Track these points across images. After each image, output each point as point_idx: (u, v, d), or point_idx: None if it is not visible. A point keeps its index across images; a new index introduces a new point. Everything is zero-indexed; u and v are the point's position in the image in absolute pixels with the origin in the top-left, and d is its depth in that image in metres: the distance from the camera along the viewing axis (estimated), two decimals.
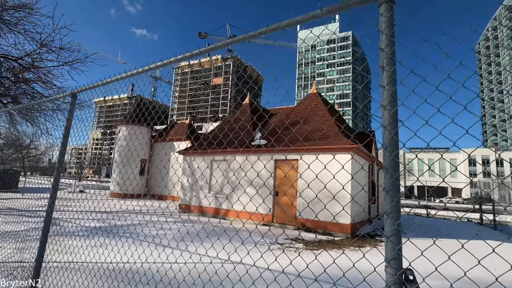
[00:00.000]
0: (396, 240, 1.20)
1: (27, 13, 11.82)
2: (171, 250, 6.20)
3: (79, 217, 10.47)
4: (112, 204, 15.50)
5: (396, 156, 1.27)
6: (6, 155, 48.48)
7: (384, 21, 1.39)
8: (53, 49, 12.67)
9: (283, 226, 10.85)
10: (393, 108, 1.30)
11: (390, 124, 1.29)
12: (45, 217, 3.16)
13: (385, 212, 1.23)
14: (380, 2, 1.42)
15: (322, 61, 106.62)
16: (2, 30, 11.96)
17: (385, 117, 1.31)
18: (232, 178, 12.15)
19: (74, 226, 8.72)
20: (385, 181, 1.27)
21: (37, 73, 13.57)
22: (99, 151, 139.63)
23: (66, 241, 6.32)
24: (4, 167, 27.85)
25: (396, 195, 1.23)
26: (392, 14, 1.39)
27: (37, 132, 14.56)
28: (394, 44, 1.36)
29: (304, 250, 7.23)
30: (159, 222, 9.64)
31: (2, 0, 11.40)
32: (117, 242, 6.37)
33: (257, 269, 3.04)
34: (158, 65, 2.51)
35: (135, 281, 4.09)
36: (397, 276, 1.16)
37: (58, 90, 13.82)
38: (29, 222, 8.79)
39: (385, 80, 1.34)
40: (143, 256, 5.37)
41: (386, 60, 1.34)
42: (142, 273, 4.56)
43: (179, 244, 6.56)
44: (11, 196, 17.65)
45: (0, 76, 13.56)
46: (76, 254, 5.37)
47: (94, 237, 6.89)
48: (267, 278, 4.18)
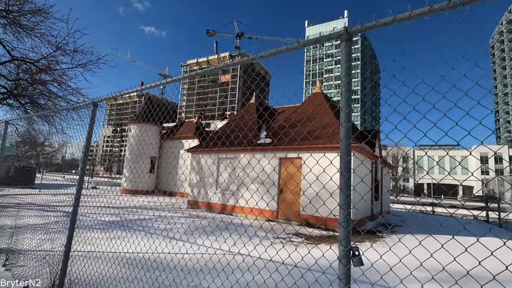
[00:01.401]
0: (345, 225, 1.60)
1: (43, 17, 12.47)
2: (181, 242, 6.71)
3: (95, 212, 11.13)
4: (124, 200, 16.19)
5: (348, 163, 1.67)
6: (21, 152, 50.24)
7: (342, 56, 1.78)
8: (68, 51, 13.37)
9: (287, 222, 11.26)
10: (348, 125, 1.70)
11: (345, 138, 1.69)
12: (72, 210, 3.66)
13: (339, 204, 1.64)
14: (341, 40, 1.81)
15: (330, 58, 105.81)
16: (20, 34, 12.65)
17: (341, 131, 1.71)
18: (237, 176, 12.63)
19: (91, 220, 9.36)
20: (340, 181, 1.67)
21: (53, 74, 14.31)
22: (110, 148, 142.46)
23: (85, 234, 6.90)
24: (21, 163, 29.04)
25: (347, 191, 1.63)
26: (349, 50, 1.78)
27: (53, 130, 15.30)
28: (350, 75, 1.75)
29: (302, 244, 7.64)
30: (166, 217, 10.20)
31: (19, 5, 12.08)
32: (132, 235, 6.92)
33: (251, 258, 3.48)
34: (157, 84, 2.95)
35: (149, 268, 4.58)
36: (345, 251, 1.56)
37: (72, 91, 14.54)
38: (49, 216, 9.46)
39: (343, 103, 1.73)
40: (154, 247, 5.88)
41: (343, 87, 1.74)
42: (154, 262, 5.05)
43: (188, 237, 7.08)
44: (28, 192, 18.57)
45: (18, 78, 14.34)
46: (97, 244, 5.92)
47: (110, 230, 7.46)
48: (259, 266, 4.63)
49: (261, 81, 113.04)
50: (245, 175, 12.15)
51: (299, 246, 7.67)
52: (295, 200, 11.15)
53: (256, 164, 11.66)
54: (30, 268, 4.26)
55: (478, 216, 18.71)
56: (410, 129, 1.77)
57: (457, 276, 2.16)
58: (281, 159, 11.92)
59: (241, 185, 12.36)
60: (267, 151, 12.03)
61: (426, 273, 3.71)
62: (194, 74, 2.72)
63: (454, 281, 1.80)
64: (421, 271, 3.54)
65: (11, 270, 4.28)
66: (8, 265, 4.48)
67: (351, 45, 1.79)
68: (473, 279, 1.90)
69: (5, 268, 4.36)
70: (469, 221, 16.83)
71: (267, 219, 11.59)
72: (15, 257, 4.72)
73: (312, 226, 10.48)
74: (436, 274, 2.74)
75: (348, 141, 1.68)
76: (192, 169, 15.28)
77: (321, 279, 3.12)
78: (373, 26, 1.70)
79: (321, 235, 9.07)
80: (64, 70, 14.09)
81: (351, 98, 1.74)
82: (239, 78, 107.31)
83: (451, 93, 1.55)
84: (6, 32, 12.49)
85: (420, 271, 3.73)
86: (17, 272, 4.18)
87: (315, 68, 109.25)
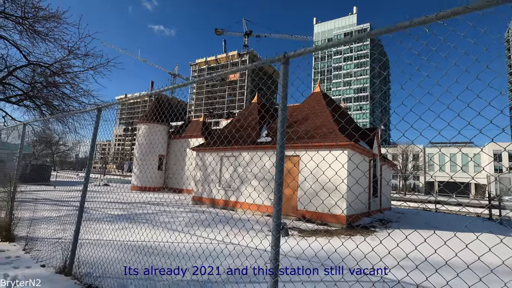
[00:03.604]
0: (277, 205, 2.10)
1: (56, 23, 13.28)
2: (183, 234, 7.31)
3: (105, 207, 11.90)
4: (133, 196, 16.99)
5: (281, 159, 2.16)
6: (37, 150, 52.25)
7: (281, 75, 2.27)
8: (79, 55, 14.23)
9: (285, 217, 11.74)
10: (281, 142, 2.18)
11: (280, 139, 2.17)
12: (80, 202, 4.27)
13: (274, 191, 2.13)
14: (281, 63, 2.29)
15: (339, 55, 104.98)
16: (35, 40, 13.52)
17: (278, 134, 2.19)
18: (239, 173, 13.18)
19: (100, 214, 10.10)
20: (275, 175, 2.16)
21: (65, 77, 15.22)
22: (121, 147, 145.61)
23: (94, 225, 7.58)
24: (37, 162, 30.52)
25: (278, 180, 2.13)
26: (286, 71, 2.26)
27: (66, 130, 16.23)
28: (286, 96, 2.23)
29: (298, 237, 8.12)
30: (170, 212, 10.84)
31: (34, 12, 12.90)
32: (136, 227, 7.56)
33: (241, 247, 4.01)
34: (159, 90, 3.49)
35: (149, 253, 5.17)
36: (275, 225, 2.06)
37: (84, 92, 15.44)
38: (62, 210, 10.25)
39: (280, 112, 2.22)
40: (155, 237, 6.48)
41: (281, 104, 2.23)
42: (155, 249, 5.64)
43: (189, 229, 7.69)
44: (44, 189, 19.65)
45: (34, 81, 15.28)
46: (104, 234, 6.57)
47: (117, 222, 8.14)
48: (247, 253, 5.16)
49: (268, 80, 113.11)
50: (247, 172, 12.68)
51: (296, 238, 8.15)
52: (292, 196, 11.62)
53: (256, 162, 12.19)
54: (46, 252, 4.91)
55: (481, 214, 18.71)
56: (426, 127, 1.85)
57: (435, 265, 2.48)
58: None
59: (242, 181, 12.90)
60: (267, 149, 12.52)
61: (409, 262, 4.14)
62: (202, 79, 3.26)
63: (434, 269, 2.19)
64: (406, 260, 4.00)
65: (30, 253, 4.95)
66: (27, 249, 5.15)
67: (287, 67, 2.27)
68: (451, 268, 2.20)
69: (24, 252, 5.03)
70: (471, 218, 16.90)
71: (266, 214, 12.10)
72: (33, 243, 5.40)
73: (309, 221, 10.93)
74: (420, 264, 3.19)
75: (283, 140, 2.17)
76: (196, 167, 15.93)
77: (287, 262, 3.60)
78: (313, 50, 2.17)
79: (315, 229, 9.53)
80: (76, 73, 15.00)
81: (286, 107, 2.23)
82: (247, 77, 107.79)
83: (465, 93, 1.65)
84: (22, 38, 13.35)
85: (406, 261, 4.18)
86: (34, 254, 4.84)
87: (323, 66, 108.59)
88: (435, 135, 1.83)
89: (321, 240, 7.63)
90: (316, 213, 10.78)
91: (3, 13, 12.43)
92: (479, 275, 1.86)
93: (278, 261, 2.05)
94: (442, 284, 2.33)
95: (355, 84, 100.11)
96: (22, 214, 8.25)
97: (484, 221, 15.28)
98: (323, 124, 11.66)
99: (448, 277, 2.35)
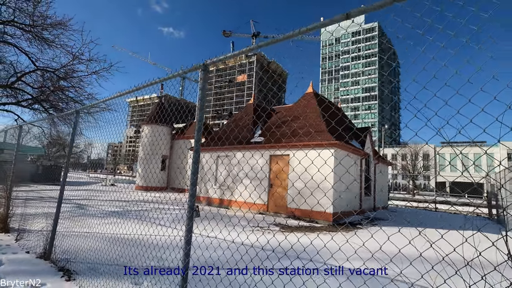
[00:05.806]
0: (192, 195, 2.45)
1: (62, 30, 14.04)
2: (170, 229, 7.73)
3: (102, 204, 12.49)
4: (133, 195, 17.61)
5: (197, 157, 2.51)
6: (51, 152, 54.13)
7: (200, 80, 2.62)
8: (83, 61, 14.99)
9: (276, 215, 12.05)
10: (197, 137, 2.54)
11: (196, 141, 2.53)
12: (58, 199, 4.74)
13: (191, 181, 2.49)
14: (201, 69, 2.65)
15: (347, 54, 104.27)
16: (43, 46, 14.31)
17: (195, 135, 2.55)
18: (233, 172, 13.57)
19: (95, 210, 10.66)
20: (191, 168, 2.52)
21: (71, 81, 16.03)
22: (132, 148, 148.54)
23: (85, 220, 8.10)
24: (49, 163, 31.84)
25: (195, 174, 2.48)
26: (206, 76, 2.61)
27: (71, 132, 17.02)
28: (205, 97, 2.58)
29: (279, 232, 8.44)
30: (164, 209, 11.32)
31: (42, 20, 13.67)
32: (124, 221, 8.04)
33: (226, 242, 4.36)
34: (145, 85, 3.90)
35: (131, 244, 5.60)
36: (189, 208, 2.42)
37: (88, 95, 16.23)
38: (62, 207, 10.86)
39: (197, 114, 2.57)
40: (140, 231, 6.92)
41: (198, 105, 2.58)
42: (141, 241, 6.07)
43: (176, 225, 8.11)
44: (53, 188, 20.55)
45: (42, 86, 16.12)
46: (91, 228, 7.06)
47: (108, 218, 8.65)
48: (232, 248, 5.53)
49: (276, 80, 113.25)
50: (240, 171, 13.06)
51: (276, 233, 8.46)
52: (283, 194, 11.92)
53: (249, 160, 12.56)
54: (32, 242, 5.41)
55: (481, 213, 18.51)
56: (442, 126, 1.72)
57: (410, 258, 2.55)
58: (271, 156, 12.71)
59: (236, 180, 13.29)
60: (258, 149, 12.86)
61: (384, 255, 4.40)
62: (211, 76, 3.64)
63: (409, 262, 2.26)
64: (380, 253, 4.24)
65: (19, 242, 5.46)
66: (19, 239, 5.66)
67: (207, 73, 2.63)
68: (427, 261, 2.31)
69: (16, 241, 5.55)
70: (470, 217, 16.76)
71: (258, 211, 12.43)
72: (24, 234, 5.93)
73: (298, 218, 11.21)
74: (393, 257, 3.46)
75: (198, 136, 2.53)
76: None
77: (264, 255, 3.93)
78: (223, 59, 2.52)
79: (300, 226, 9.80)
80: (81, 77, 15.79)
81: (203, 107, 2.58)
82: (255, 77, 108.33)
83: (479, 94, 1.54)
84: (31, 45, 14.14)
85: (380, 253, 4.42)
86: (22, 243, 5.35)
87: (331, 65, 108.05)
88: (455, 134, 1.63)
89: (299, 235, 7.91)
90: (305, 211, 11.05)
91: (13, 21, 13.24)
92: (456, 268, 1.81)
93: (191, 232, 2.41)
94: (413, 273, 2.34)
95: (363, 83, 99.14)
96: (24, 211, 8.87)
97: (482, 220, 15.17)
98: (312, 124, 11.92)
99: (422, 270, 2.42)
